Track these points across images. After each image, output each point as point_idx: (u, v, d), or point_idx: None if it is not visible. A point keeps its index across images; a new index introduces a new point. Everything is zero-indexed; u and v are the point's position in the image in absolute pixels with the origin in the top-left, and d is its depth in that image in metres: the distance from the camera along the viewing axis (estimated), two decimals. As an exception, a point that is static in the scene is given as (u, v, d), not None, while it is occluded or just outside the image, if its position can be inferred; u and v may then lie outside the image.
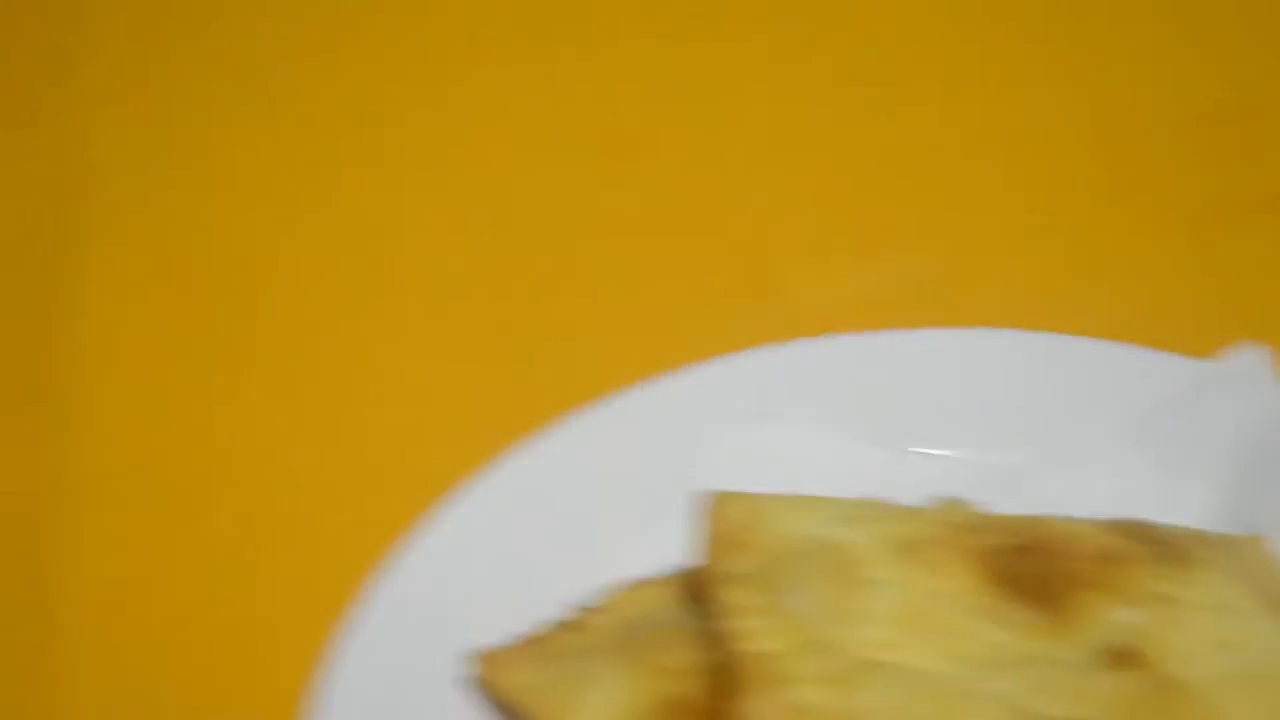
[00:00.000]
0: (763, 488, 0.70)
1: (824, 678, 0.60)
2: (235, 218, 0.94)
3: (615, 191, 0.97)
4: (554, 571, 0.73)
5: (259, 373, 0.87)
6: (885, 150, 0.98)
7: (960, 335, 0.83)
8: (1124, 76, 1.00)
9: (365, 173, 0.97)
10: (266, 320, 0.90)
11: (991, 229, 0.95)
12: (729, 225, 0.96)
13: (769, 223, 0.96)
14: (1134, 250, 0.93)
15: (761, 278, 0.93)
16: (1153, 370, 0.79)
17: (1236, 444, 0.76)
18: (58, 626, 0.77)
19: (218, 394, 0.86)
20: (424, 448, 0.83)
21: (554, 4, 1.05)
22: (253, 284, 0.91)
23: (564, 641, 0.69)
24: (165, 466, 0.83)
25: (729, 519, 0.66)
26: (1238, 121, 0.98)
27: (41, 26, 1.03)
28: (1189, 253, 0.93)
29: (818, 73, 1.02)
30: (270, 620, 0.76)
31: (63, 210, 0.95)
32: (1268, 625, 0.67)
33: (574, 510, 0.76)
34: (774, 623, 0.62)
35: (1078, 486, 0.74)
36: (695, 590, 0.70)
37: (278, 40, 1.04)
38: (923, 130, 0.99)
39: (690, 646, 0.67)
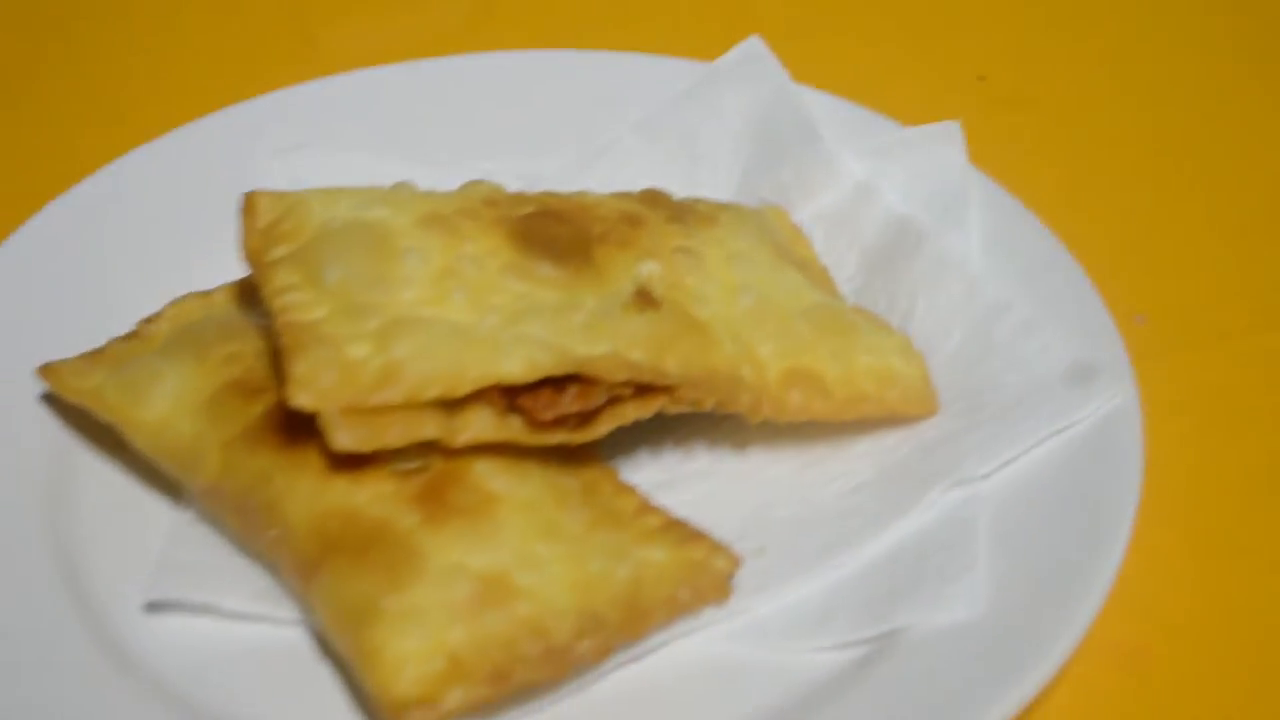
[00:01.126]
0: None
1: (365, 336, 0.63)
2: None
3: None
4: (123, 293, 0.76)
5: None
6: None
7: (491, 59, 0.87)
8: None
9: None
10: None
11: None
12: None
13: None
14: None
15: (303, 37, 0.96)
16: (666, 73, 0.85)
17: (747, 126, 0.82)
18: None
19: None
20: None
21: None
22: None
23: (125, 349, 0.71)
24: None
25: (265, 212, 0.68)
26: None
27: None
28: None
29: None
30: None
31: None
32: (782, 272, 0.72)
33: (141, 235, 0.79)
34: (315, 295, 0.65)
35: (605, 182, 0.78)
36: (247, 292, 0.73)
37: None
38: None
39: (245, 338, 0.70)
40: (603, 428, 0.66)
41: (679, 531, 0.65)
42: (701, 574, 0.64)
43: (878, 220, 0.78)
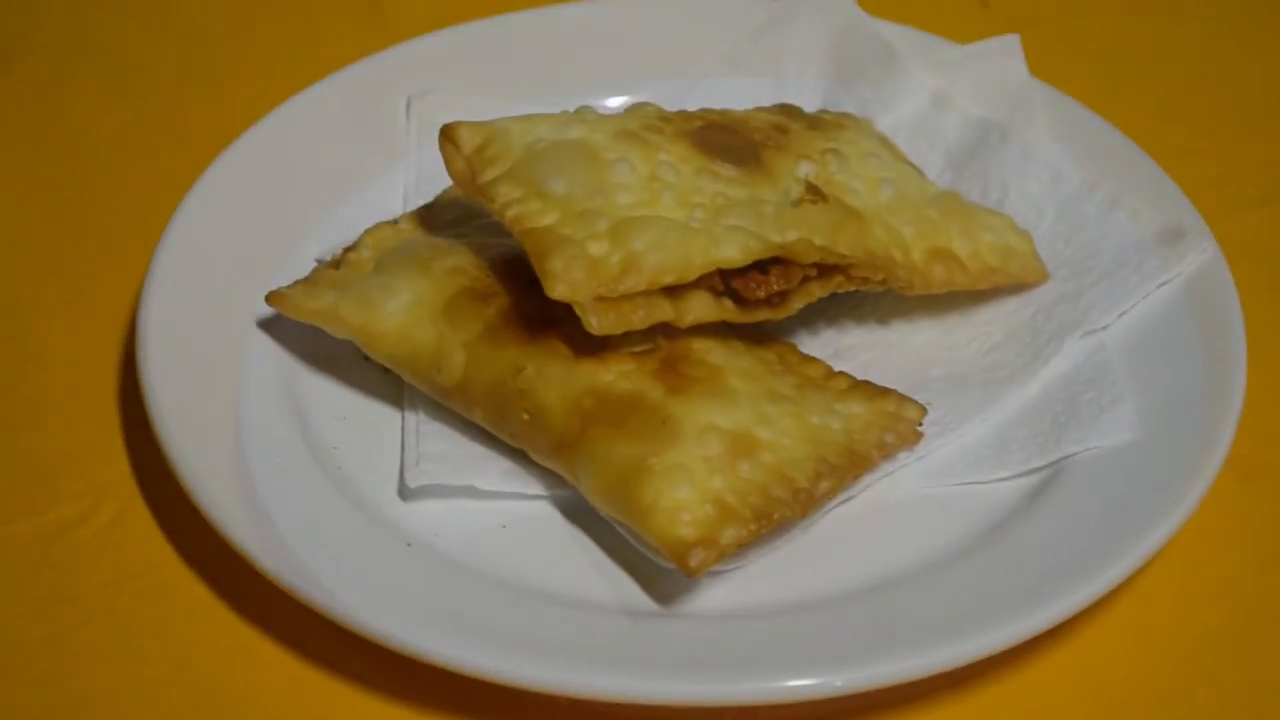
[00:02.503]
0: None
1: (599, 235, 0.72)
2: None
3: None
4: (300, 227, 0.84)
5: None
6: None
7: (581, 7, 0.96)
8: None
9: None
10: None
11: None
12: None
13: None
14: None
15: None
16: (741, 9, 0.95)
17: (823, 51, 0.92)
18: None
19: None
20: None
21: None
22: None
23: (337, 275, 0.78)
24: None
25: (468, 141, 0.76)
26: None
27: None
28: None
29: None
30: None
31: None
32: (903, 167, 0.83)
33: (301, 179, 0.86)
34: (542, 205, 0.73)
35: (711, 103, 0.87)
36: (426, 218, 0.81)
37: None
38: None
39: (460, 253, 0.77)
40: (796, 304, 0.75)
41: (867, 389, 0.75)
42: (897, 421, 0.74)
43: (957, 124, 0.88)
